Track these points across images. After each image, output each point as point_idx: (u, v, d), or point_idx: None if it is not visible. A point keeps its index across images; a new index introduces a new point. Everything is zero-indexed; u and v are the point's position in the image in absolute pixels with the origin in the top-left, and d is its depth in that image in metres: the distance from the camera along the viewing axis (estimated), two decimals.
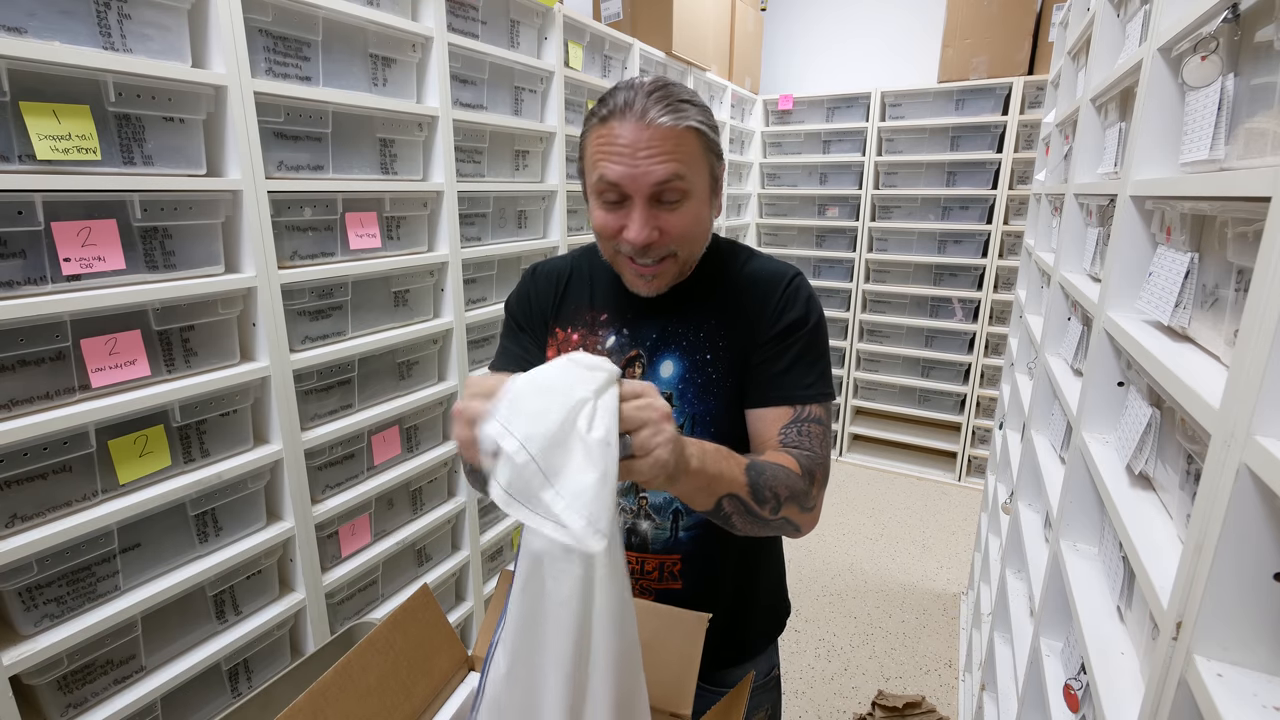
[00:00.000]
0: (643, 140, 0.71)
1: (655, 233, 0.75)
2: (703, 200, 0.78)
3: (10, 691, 0.93)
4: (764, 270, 0.86)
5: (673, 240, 0.76)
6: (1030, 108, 3.11)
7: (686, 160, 0.73)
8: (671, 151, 0.72)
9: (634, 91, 0.73)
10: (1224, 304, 0.67)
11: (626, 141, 0.72)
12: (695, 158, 0.75)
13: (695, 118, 0.74)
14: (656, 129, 0.71)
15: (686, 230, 0.77)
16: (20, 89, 0.91)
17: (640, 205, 0.74)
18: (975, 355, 3.44)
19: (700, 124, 0.75)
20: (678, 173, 0.73)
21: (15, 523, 0.97)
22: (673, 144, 0.72)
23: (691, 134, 0.74)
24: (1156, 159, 0.86)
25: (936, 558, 2.85)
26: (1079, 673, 0.87)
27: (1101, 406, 0.97)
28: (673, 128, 0.72)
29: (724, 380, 0.83)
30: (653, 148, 0.71)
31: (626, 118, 0.72)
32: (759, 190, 3.91)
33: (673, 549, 0.87)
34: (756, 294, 0.84)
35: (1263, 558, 0.48)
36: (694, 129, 0.74)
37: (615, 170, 0.72)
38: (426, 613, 0.85)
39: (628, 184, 0.73)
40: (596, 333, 0.88)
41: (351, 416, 1.46)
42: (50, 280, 0.97)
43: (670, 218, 0.75)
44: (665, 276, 0.80)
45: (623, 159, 0.72)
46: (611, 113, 0.73)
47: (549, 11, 1.88)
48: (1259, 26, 0.64)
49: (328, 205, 1.37)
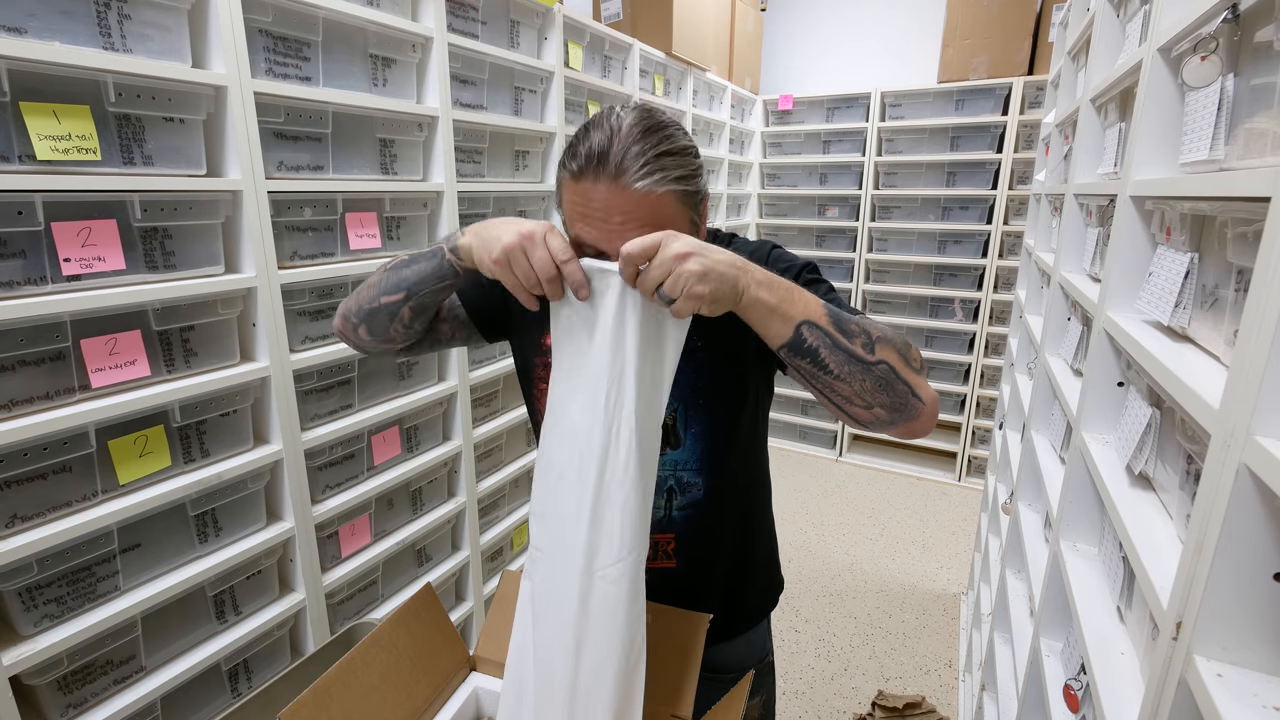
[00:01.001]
0: (616, 206, 0.68)
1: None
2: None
3: (10, 691, 0.93)
4: (744, 249, 0.87)
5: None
6: (1030, 108, 3.11)
7: (664, 225, 0.69)
8: (646, 219, 0.69)
9: (609, 137, 0.68)
10: (1224, 304, 0.67)
11: (599, 205, 0.69)
12: (672, 220, 0.71)
13: (674, 175, 0.70)
14: (630, 195, 0.68)
15: None
16: (20, 89, 0.91)
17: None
18: (975, 355, 3.44)
19: (679, 184, 0.70)
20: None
21: (15, 523, 0.97)
22: (647, 211, 0.69)
23: (669, 197, 0.70)
24: (1156, 159, 0.86)
25: (936, 558, 2.86)
26: (1079, 673, 0.87)
27: (1101, 406, 0.97)
28: (648, 194, 0.68)
29: (713, 362, 0.84)
30: (627, 214, 0.68)
31: (600, 178, 0.68)
32: (759, 190, 3.92)
33: (666, 528, 0.88)
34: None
35: (1263, 558, 0.48)
36: (672, 193, 0.70)
37: (590, 234, 0.70)
38: (430, 612, 0.85)
39: (604, 246, 0.70)
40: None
41: (351, 416, 1.46)
42: (50, 280, 0.97)
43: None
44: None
45: (596, 224, 0.70)
46: (583, 169, 0.69)
47: (549, 12, 1.88)
48: (1259, 26, 0.64)
49: (328, 205, 1.37)
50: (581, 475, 0.68)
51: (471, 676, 0.87)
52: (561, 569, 0.70)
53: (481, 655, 0.88)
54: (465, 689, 0.85)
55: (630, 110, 0.72)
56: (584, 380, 0.68)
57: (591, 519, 0.68)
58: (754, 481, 0.96)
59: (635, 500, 0.68)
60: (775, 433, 4.07)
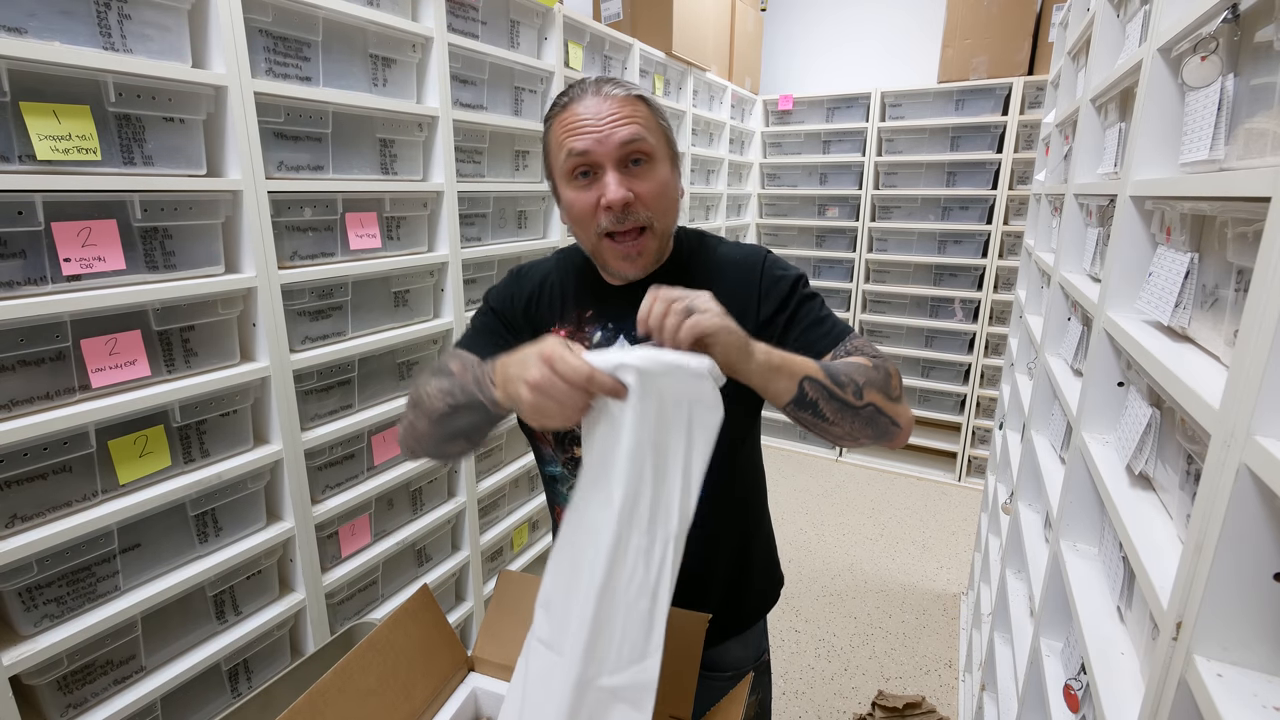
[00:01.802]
0: (604, 110, 0.78)
1: (629, 193, 0.79)
2: (666, 165, 0.83)
3: (10, 692, 0.93)
4: (736, 254, 0.91)
5: (646, 203, 0.80)
6: (1030, 108, 3.11)
7: (644, 123, 0.80)
8: (630, 115, 0.79)
9: (585, 82, 0.82)
10: (1224, 304, 0.67)
11: (589, 115, 0.78)
12: (651, 123, 0.81)
13: (644, 92, 0.83)
14: (613, 99, 0.79)
15: (657, 193, 0.81)
16: (20, 89, 0.91)
17: (611, 169, 0.78)
18: (975, 355, 3.44)
19: (649, 96, 0.83)
20: (639, 134, 0.78)
21: (15, 523, 0.97)
22: (629, 109, 0.79)
23: (642, 103, 0.81)
24: (1156, 159, 0.86)
25: (936, 558, 2.85)
26: (1079, 673, 0.87)
27: (1101, 406, 0.97)
28: (626, 96, 0.80)
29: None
30: (613, 114, 0.78)
31: (584, 98, 0.80)
32: (759, 190, 3.91)
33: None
34: (736, 277, 0.87)
35: (1263, 558, 0.48)
36: (644, 98, 0.82)
37: (582, 141, 0.78)
38: (426, 613, 0.85)
39: (596, 150, 0.78)
40: (583, 329, 0.89)
41: (351, 416, 1.46)
42: (50, 280, 0.97)
43: (641, 181, 0.80)
44: (647, 254, 0.83)
45: (587, 129, 0.78)
46: (570, 99, 0.81)
47: (549, 12, 1.88)
48: (1259, 26, 0.64)
49: (328, 205, 1.37)
50: (590, 576, 0.65)
51: (470, 677, 0.87)
52: (559, 672, 0.66)
53: (480, 656, 0.88)
54: (464, 689, 0.85)
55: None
56: (603, 477, 0.66)
57: (593, 625, 0.65)
58: (750, 488, 0.97)
59: (643, 608, 0.65)
60: (775, 433, 4.07)
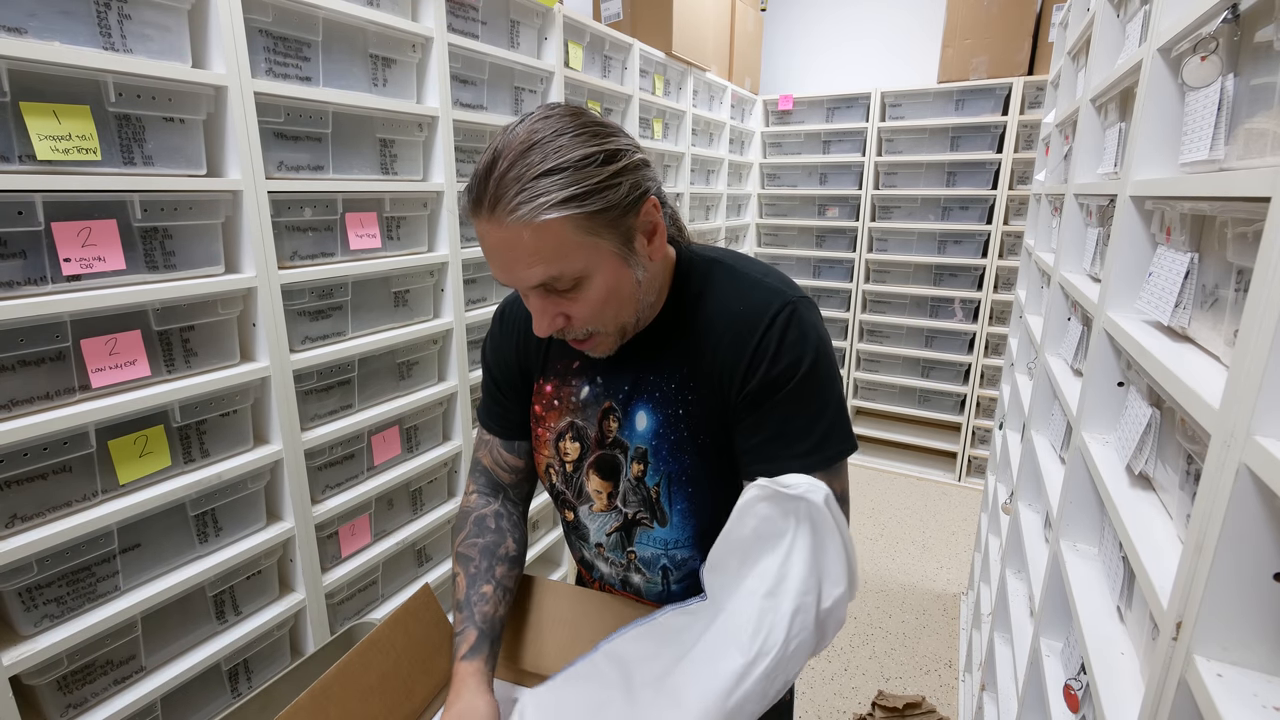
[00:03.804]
0: (503, 243, 0.61)
1: (560, 319, 0.67)
2: (608, 271, 0.65)
3: (10, 692, 0.93)
4: (743, 305, 0.71)
5: (583, 321, 0.68)
6: (1030, 108, 3.11)
7: (560, 255, 0.61)
8: (535, 252, 0.61)
9: (492, 161, 0.61)
10: (1224, 304, 0.67)
11: (491, 244, 0.63)
12: (572, 245, 0.62)
13: (556, 199, 0.59)
14: (509, 229, 0.60)
15: (594, 311, 0.67)
16: (20, 89, 0.91)
17: (534, 298, 0.66)
18: (975, 355, 3.44)
19: (566, 206, 0.59)
20: (550, 274, 0.62)
21: (15, 523, 0.97)
22: (533, 242, 0.60)
23: (555, 226, 0.60)
24: (1156, 159, 0.86)
25: (936, 558, 2.85)
26: (1079, 673, 0.87)
27: (1101, 407, 0.97)
28: (526, 224, 0.59)
29: (695, 438, 0.75)
30: (515, 250, 0.61)
31: (479, 212, 0.62)
32: (759, 190, 3.91)
33: (665, 599, 0.84)
34: (729, 337, 0.71)
35: (1263, 558, 0.48)
36: (559, 220, 0.59)
37: (494, 269, 0.65)
38: (428, 612, 0.85)
39: (509, 281, 0.65)
40: (570, 382, 0.82)
41: (351, 417, 1.46)
42: (50, 280, 0.97)
43: (572, 304, 0.66)
44: (603, 345, 0.72)
45: (494, 261, 0.64)
46: (467, 205, 0.63)
47: (549, 12, 1.88)
48: (1259, 27, 0.64)
49: (328, 205, 1.37)
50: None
51: None
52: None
53: None
54: None
55: (532, 118, 0.63)
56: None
57: None
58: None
59: None
60: None
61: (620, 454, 0.80)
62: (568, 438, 0.83)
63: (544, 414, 0.85)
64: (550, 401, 0.84)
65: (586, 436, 0.81)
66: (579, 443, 0.82)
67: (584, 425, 0.81)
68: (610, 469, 0.80)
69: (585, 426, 0.81)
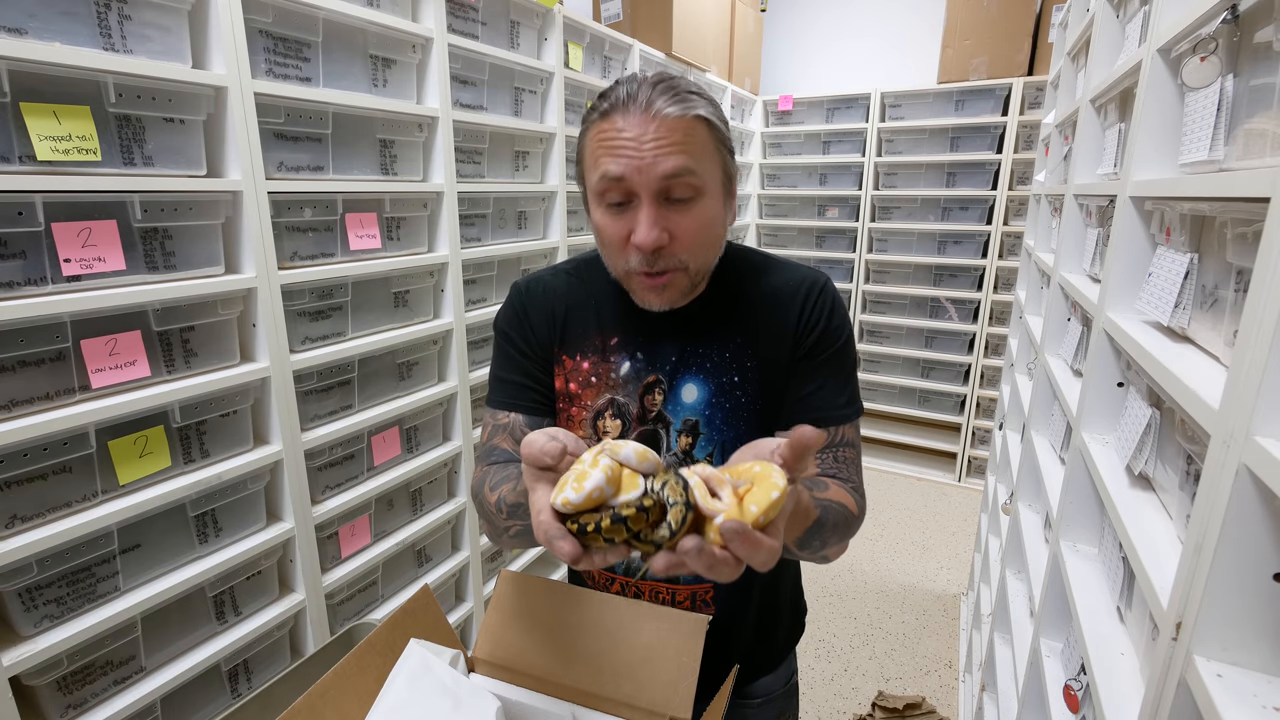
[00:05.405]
0: (649, 132, 0.66)
1: (664, 235, 0.68)
2: (716, 199, 0.72)
3: (10, 692, 0.93)
4: (786, 280, 0.81)
5: (683, 246, 0.70)
6: (1030, 108, 3.11)
7: (697, 153, 0.68)
8: (680, 143, 0.66)
9: (637, 84, 0.68)
10: (1224, 304, 0.67)
11: (630, 134, 0.66)
12: (706, 151, 0.69)
13: (704, 108, 0.69)
14: (663, 119, 0.66)
15: (698, 234, 0.70)
16: (21, 90, 0.91)
17: (648, 203, 0.67)
18: (975, 356, 3.44)
19: (710, 115, 0.69)
20: (687, 166, 0.67)
21: (15, 523, 0.97)
22: (681, 134, 0.66)
23: (701, 124, 0.68)
24: (1156, 160, 0.86)
25: (936, 558, 2.85)
26: (1079, 673, 0.87)
27: (1101, 407, 0.97)
28: (681, 117, 0.66)
29: (754, 404, 0.78)
30: (660, 139, 0.66)
31: (630, 110, 0.67)
32: (759, 191, 3.92)
33: (702, 580, 0.83)
34: (779, 308, 0.79)
35: (1263, 558, 0.48)
36: (704, 119, 0.68)
37: (619, 165, 0.67)
38: (427, 614, 0.85)
39: (633, 179, 0.67)
40: (609, 359, 0.81)
41: (351, 417, 1.46)
42: (50, 281, 0.97)
43: (681, 219, 0.69)
44: (675, 288, 0.73)
45: (626, 152, 0.66)
46: (613, 106, 0.68)
47: (549, 12, 1.88)
48: (1258, 27, 0.64)
49: (328, 206, 1.37)
50: None
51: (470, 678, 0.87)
52: None
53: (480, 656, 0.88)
54: None
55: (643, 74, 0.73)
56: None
57: None
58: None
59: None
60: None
61: (662, 429, 0.80)
62: (608, 415, 0.82)
63: (580, 391, 0.82)
64: (588, 379, 0.82)
65: (628, 413, 0.81)
66: (620, 419, 0.81)
67: (625, 402, 0.81)
68: (653, 445, 0.80)
69: (626, 403, 0.81)
